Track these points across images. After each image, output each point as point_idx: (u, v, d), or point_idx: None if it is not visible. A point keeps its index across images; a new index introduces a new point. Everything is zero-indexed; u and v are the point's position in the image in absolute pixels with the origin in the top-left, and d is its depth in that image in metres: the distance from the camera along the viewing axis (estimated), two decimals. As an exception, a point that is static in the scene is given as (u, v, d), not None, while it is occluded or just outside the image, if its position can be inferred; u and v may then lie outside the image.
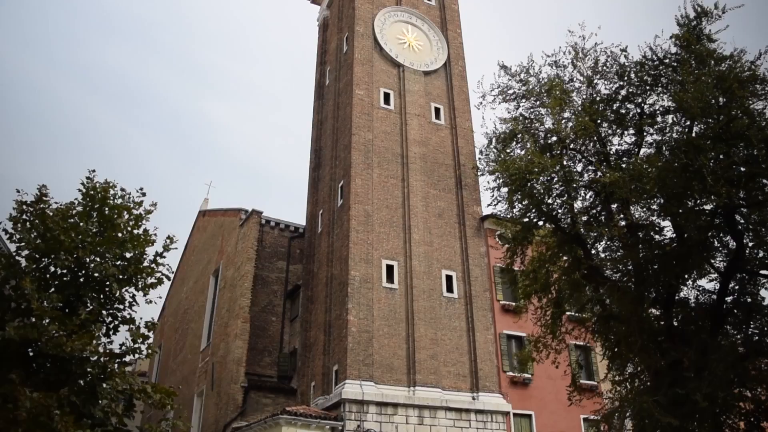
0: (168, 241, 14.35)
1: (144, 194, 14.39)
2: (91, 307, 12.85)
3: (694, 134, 13.58)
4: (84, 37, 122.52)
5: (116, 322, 13.56)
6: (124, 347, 13.03)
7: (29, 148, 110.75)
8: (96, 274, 12.99)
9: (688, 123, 13.86)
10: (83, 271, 12.97)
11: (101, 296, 13.25)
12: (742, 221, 13.90)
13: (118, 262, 13.48)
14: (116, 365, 12.68)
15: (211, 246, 39.35)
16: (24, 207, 12.99)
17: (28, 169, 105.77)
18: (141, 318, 13.59)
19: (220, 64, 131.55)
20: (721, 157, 12.85)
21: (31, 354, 12.00)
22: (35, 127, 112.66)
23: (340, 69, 33.57)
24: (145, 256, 13.95)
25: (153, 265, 13.98)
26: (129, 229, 13.89)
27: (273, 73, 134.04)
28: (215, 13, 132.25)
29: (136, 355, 13.38)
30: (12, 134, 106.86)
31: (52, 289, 12.69)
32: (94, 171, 14.00)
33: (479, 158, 16.82)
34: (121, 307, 13.64)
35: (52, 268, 12.86)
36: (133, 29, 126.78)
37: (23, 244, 12.77)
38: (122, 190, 14.10)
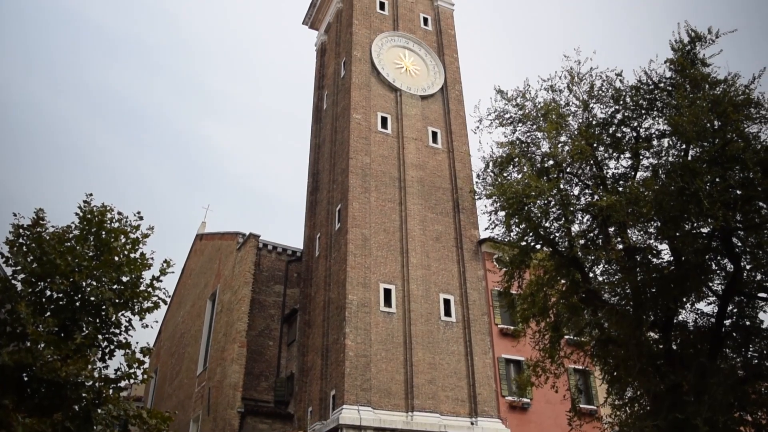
0: (165, 264, 14.33)
1: (141, 218, 14.40)
2: (86, 332, 12.78)
3: (690, 158, 13.64)
4: (87, 60, 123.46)
5: (112, 347, 13.47)
6: (119, 372, 12.94)
7: (32, 169, 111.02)
8: (92, 298, 12.95)
9: (684, 146, 13.93)
10: (79, 295, 12.92)
11: (97, 320, 13.19)
12: (739, 244, 13.91)
13: (115, 286, 13.44)
14: (111, 390, 12.57)
15: (208, 270, 39.24)
16: (21, 231, 12.99)
17: (30, 190, 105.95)
18: (137, 343, 13.55)
19: (220, 86, 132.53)
20: (717, 180, 12.89)
21: (25, 379, 11.90)
22: (37, 149, 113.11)
23: (337, 93, 33.79)
24: (141, 280, 13.91)
25: (149, 289, 13.93)
26: (126, 252, 13.87)
27: (272, 97, 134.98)
28: (216, 37, 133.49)
29: (132, 380, 13.28)
30: (14, 155, 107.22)
31: (48, 314, 12.63)
32: (91, 195, 14.04)
33: (476, 182, 16.87)
34: (117, 331, 13.56)
35: (48, 292, 12.81)
36: (135, 52, 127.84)
37: (19, 268, 12.75)
38: (119, 213, 14.12)
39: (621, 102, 15.14)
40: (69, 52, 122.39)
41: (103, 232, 13.67)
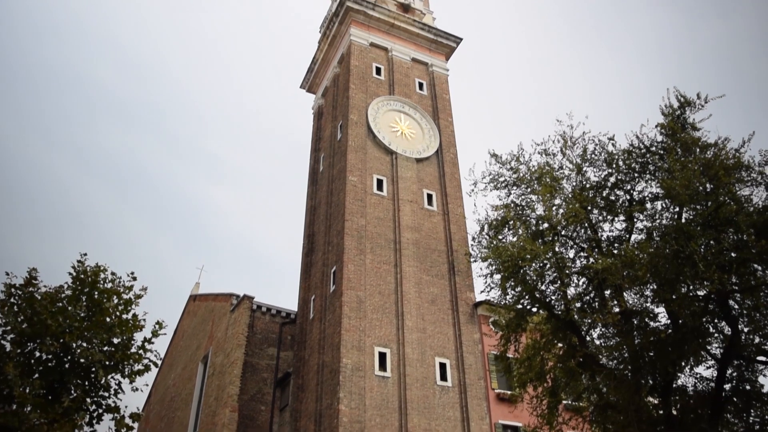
0: (157, 326, 14.19)
1: (134, 278, 14.33)
2: (75, 394, 12.54)
3: (683, 220, 13.74)
4: (83, 119, 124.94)
5: (100, 411, 13.19)
6: (106, 437, 12.64)
7: (28, 229, 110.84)
8: (82, 360, 12.75)
9: (677, 209, 14.05)
10: (69, 357, 12.74)
11: (86, 383, 12.95)
12: (736, 307, 13.86)
13: (105, 348, 13.27)
14: (98, 456, 12.24)
15: (200, 331, 38.77)
16: (12, 290, 12.90)
17: (25, 251, 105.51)
18: (126, 406, 13.24)
19: (218, 148, 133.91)
20: (711, 242, 12.95)
21: (9, 444, 11.59)
22: (33, 208, 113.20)
23: (334, 156, 34.18)
24: (133, 342, 13.75)
25: (141, 351, 13.76)
26: (118, 313, 13.76)
27: (268, 158, 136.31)
28: (214, 100, 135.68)
29: (119, 447, 12.95)
30: (14, 216, 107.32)
31: (36, 375, 12.41)
32: (85, 254, 14.01)
33: (471, 245, 16.90)
34: (106, 394, 13.31)
35: (37, 353, 12.63)
36: (136, 114, 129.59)
37: (9, 327, 12.60)
38: (113, 274, 14.07)
39: (614, 165, 15.34)
40: (65, 111, 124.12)
41: (96, 293, 13.59)
